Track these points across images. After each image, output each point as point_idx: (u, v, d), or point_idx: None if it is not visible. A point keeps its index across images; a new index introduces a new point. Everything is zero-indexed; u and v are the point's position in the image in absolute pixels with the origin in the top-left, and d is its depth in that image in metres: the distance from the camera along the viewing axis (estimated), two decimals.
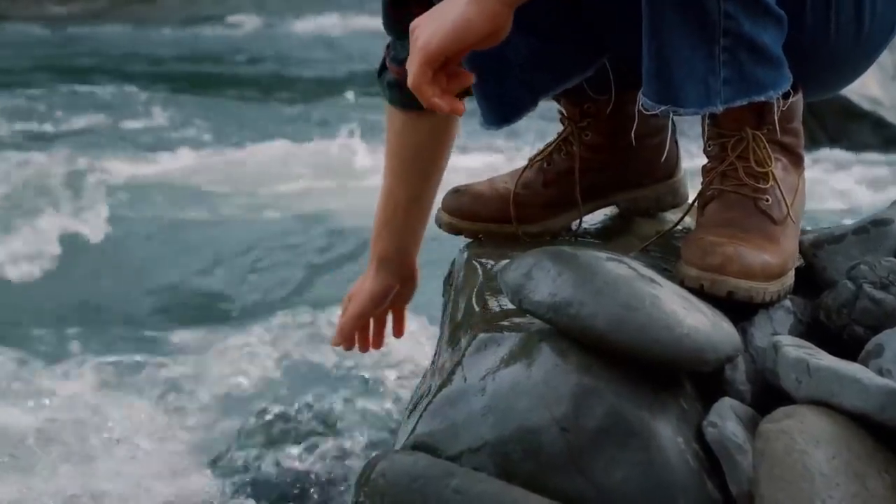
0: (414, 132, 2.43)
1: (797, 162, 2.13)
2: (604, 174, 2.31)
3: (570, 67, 2.23)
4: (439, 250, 2.46)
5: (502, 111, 2.23)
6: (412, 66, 1.91)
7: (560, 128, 2.33)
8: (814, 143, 5.78)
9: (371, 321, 2.58)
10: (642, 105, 2.03)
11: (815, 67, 2.12)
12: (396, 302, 2.58)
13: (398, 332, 2.61)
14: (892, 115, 5.96)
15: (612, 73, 2.25)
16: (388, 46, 2.41)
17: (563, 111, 2.32)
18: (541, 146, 2.33)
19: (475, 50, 1.91)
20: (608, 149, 2.30)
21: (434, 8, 1.93)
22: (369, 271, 2.55)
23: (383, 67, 2.42)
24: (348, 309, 2.56)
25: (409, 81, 1.91)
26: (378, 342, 2.60)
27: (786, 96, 2.05)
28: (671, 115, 2.02)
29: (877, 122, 5.94)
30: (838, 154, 5.77)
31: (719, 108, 2.00)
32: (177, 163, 5.51)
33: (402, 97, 2.34)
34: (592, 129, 2.29)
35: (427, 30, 1.91)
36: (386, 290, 2.54)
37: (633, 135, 2.18)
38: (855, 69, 2.19)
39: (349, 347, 2.57)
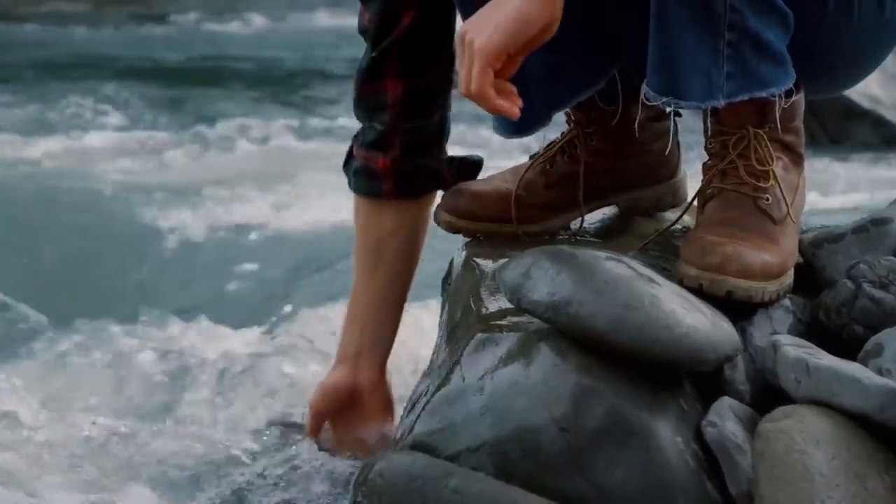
0: (379, 223, 2.38)
1: (798, 161, 2.13)
2: (606, 177, 2.31)
3: (584, 80, 2.24)
4: (438, 249, 2.45)
5: (517, 124, 2.23)
6: (470, 72, 1.90)
7: (564, 126, 2.33)
8: (814, 142, 5.77)
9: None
10: (645, 96, 2.03)
11: (835, 59, 2.12)
12: (359, 411, 2.43)
13: (338, 445, 2.42)
14: (893, 115, 5.95)
15: (620, 83, 2.25)
16: (355, 137, 2.39)
17: (570, 114, 2.32)
18: (543, 144, 2.33)
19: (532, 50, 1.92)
20: (613, 154, 2.30)
21: (482, 9, 1.93)
22: (332, 367, 2.47)
23: (350, 157, 2.39)
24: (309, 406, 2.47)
25: (472, 87, 1.90)
26: (339, 446, 2.42)
27: (788, 94, 2.05)
28: (672, 112, 2.02)
29: (877, 122, 5.93)
30: (838, 153, 5.76)
31: (721, 103, 2.00)
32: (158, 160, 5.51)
33: (370, 185, 2.35)
34: (598, 134, 2.29)
35: (482, 30, 1.90)
36: (337, 388, 2.42)
37: (636, 136, 2.19)
38: (874, 59, 2.18)
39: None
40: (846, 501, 1.72)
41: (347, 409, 2.43)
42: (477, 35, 1.91)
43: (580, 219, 2.30)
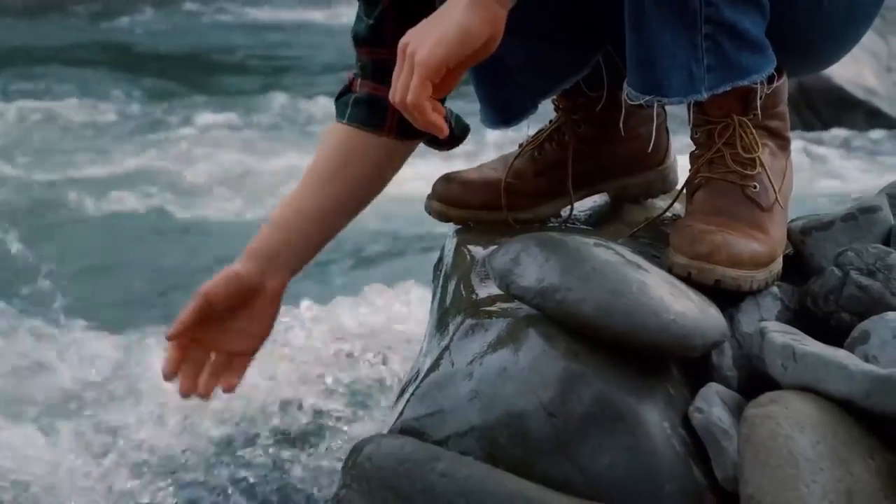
0: (356, 150, 2.26)
1: (784, 146, 2.14)
2: (595, 164, 2.32)
3: (567, 69, 2.24)
4: (428, 237, 2.46)
5: (502, 114, 2.23)
6: (410, 81, 1.88)
7: (552, 112, 2.34)
8: (808, 131, 5.79)
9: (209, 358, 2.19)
10: (627, 95, 2.03)
11: (809, 41, 2.12)
12: (246, 325, 2.20)
13: (227, 384, 2.18)
14: (886, 105, 5.97)
15: (605, 70, 2.26)
16: (351, 75, 2.32)
17: (557, 101, 2.32)
18: (531, 131, 2.33)
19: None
20: (600, 140, 2.31)
21: (424, 22, 1.92)
22: (246, 259, 2.22)
23: (347, 89, 2.29)
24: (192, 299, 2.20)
25: (409, 98, 1.87)
26: (227, 383, 2.18)
27: (770, 80, 2.06)
28: (656, 105, 2.03)
29: (871, 111, 5.94)
30: (832, 142, 5.78)
31: (704, 96, 2.01)
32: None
33: (371, 114, 2.25)
34: (585, 121, 2.30)
35: (424, 42, 1.88)
36: (246, 282, 2.19)
37: (623, 125, 2.19)
38: (849, 38, 2.18)
39: (181, 344, 2.17)
40: (831, 486, 1.73)
41: (236, 306, 2.19)
42: (419, 46, 1.88)
43: (570, 206, 2.31)
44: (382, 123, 2.25)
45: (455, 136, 2.28)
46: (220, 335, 2.18)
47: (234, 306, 2.18)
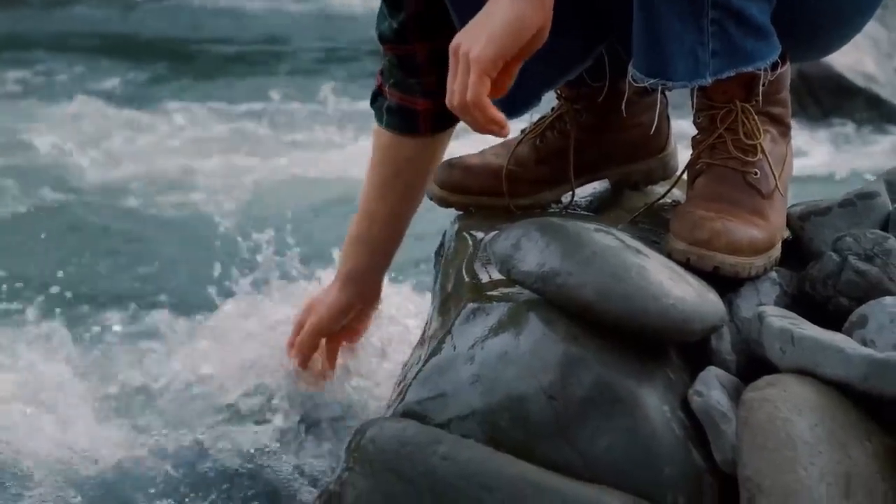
0: (402, 151, 2.41)
1: (785, 132, 2.15)
2: (596, 151, 2.33)
3: (572, 60, 2.25)
4: (431, 223, 2.47)
5: (507, 105, 2.25)
6: (467, 80, 1.89)
7: (553, 99, 2.35)
8: (808, 119, 5.79)
9: (323, 341, 2.55)
10: (632, 77, 2.04)
11: (813, 28, 2.12)
12: (354, 324, 2.55)
13: (331, 363, 2.56)
14: (887, 92, 5.96)
15: (608, 61, 2.27)
16: (380, 73, 2.41)
17: (559, 90, 2.34)
18: (533, 118, 2.35)
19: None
20: (601, 129, 2.32)
21: (472, 22, 1.93)
22: (334, 285, 2.52)
23: (378, 93, 2.41)
24: (308, 323, 2.53)
25: (469, 96, 1.89)
26: (331, 363, 2.56)
27: (774, 67, 2.07)
28: (661, 88, 2.04)
29: (871, 99, 5.94)
30: (832, 130, 5.77)
31: (708, 80, 2.02)
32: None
33: (404, 123, 2.37)
34: (587, 110, 2.31)
35: (477, 39, 1.89)
36: (348, 307, 2.51)
37: (624, 111, 2.20)
38: (853, 25, 2.19)
39: (305, 364, 2.54)
40: (829, 468, 1.74)
41: (343, 329, 2.52)
42: (472, 45, 1.90)
43: (571, 193, 2.32)
44: (416, 129, 2.38)
45: None
46: (331, 336, 2.54)
47: (342, 327, 2.53)
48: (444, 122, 2.38)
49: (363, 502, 1.85)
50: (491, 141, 2.15)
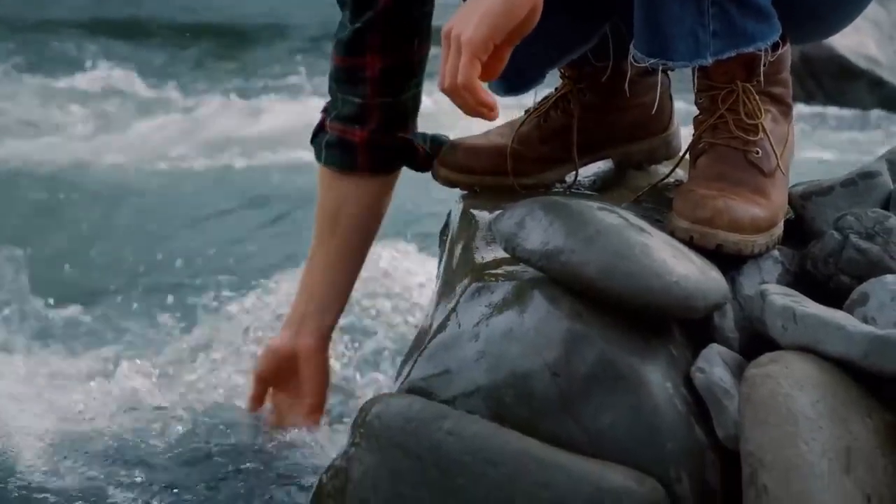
0: (343, 193, 2.38)
1: (786, 112, 2.16)
2: (599, 131, 2.34)
3: (577, 38, 2.27)
4: (436, 201, 2.47)
5: (510, 82, 2.26)
6: (458, 63, 1.89)
7: (557, 79, 2.36)
8: (810, 101, 5.80)
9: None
10: (633, 58, 2.06)
11: (814, 9, 2.14)
12: (297, 384, 2.44)
13: (276, 418, 2.45)
14: (889, 74, 5.97)
15: (612, 41, 2.28)
16: (324, 109, 2.41)
17: (563, 69, 2.35)
18: (537, 98, 2.36)
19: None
20: (605, 108, 2.33)
21: (463, 5, 1.94)
22: (281, 330, 2.48)
23: (320, 129, 2.40)
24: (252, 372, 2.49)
25: (459, 78, 1.88)
26: (277, 419, 2.44)
27: (775, 47, 2.08)
28: (661, 69, 2.05)
29: (873, 81, 5.95)
30: (834, 112, 5.79)
31: (709, 61, 2.03)
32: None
33: (343, 158, 2.36)
34: (590, 89, 2.33)
35: (468, 21, 1.90)
36: (278, 348, 2.43)
37: (627, 91, 2.21)
38: (854, 7, 2.20)
39: (252, 409, 2.47)
40: (830, 443, 1.75)
41: (288, 377, 2.43)
42: (463, 28, 1.90)
43: (575, 172, 2.33)
44: (354, 165, 2.36)
45: (435, 155, 2.36)
46: (290, 398, 2.43)
47: (285, 375, 2.42)
48: (383, 161, 2.37)
49: (369, 478, 1.87)
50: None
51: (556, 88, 2.35)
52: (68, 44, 6.94)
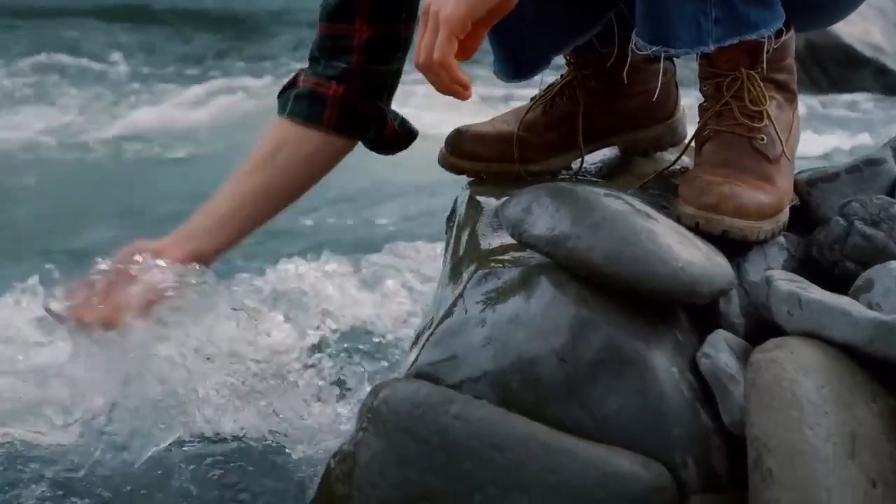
0: (293, 144, 2.33)
1: (791, 98, 2.17)
2: (605, 118, 2.35)
3: (582, 24, 2.27)
4: (442, 188, 2.48)
5: (516, 67, 2.26)
6: (435, 40, 1.89)
7: (563, 66, 2.37)
8: (816, 89, 5.81)
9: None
10: (636, 45, 2.07)
11: None
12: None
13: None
14: (894, 62, 5.98)
15: (617, 27, 2.29)
16: (302, 69, 2.38)
17: (568, 56, 2.36)
18: (543, 86, 2.37)
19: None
20: (610, 95, 2.34)
21: None
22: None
23: (290, 85, 2.37)
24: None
25: (436, 55, 1.88)
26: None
27: (778, 34, 2.08)
28: (664, 56, 2.05)
29: (878, 69, 5.95)
30: (839, 99, 5.79)
31: (711, 48, 2.04)
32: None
33: (311, 109, 2.33)
34: (596, 76, 2.33)
35: (446, 1, 1.90)
36: (153, 253, 2.31)
37: (625, 78, 2.21)
38: None
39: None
40: (835, 428, 1.76)
41: (129, 277, 2.29)
42: (442, 5, 1.89)
43: (581, 159, 2.34)
44: (321, 118, 2.33)
45: (402, 137, 2.36)
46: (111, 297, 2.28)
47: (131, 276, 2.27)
48: (349, 122, 2.34)
49: (377, 462, 1.88)
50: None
51: (561, 76, 2.36)
52: (73, 32, 6.95)
